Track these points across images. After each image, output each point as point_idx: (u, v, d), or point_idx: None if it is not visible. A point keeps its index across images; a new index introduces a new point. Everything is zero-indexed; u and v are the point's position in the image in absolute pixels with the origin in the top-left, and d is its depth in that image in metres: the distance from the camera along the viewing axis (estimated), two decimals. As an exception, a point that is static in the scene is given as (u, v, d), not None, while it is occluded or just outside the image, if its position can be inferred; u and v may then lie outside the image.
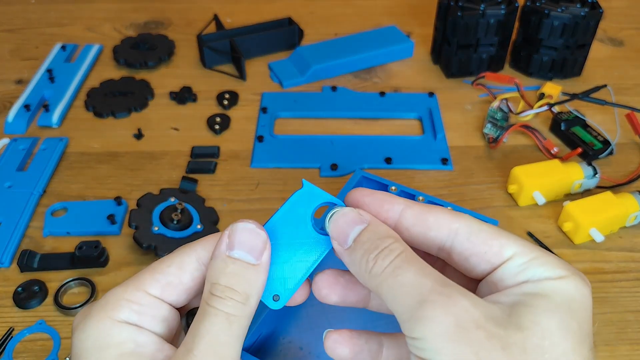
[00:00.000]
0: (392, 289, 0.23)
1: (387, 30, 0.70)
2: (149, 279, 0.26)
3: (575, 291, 0.23)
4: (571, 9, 0.59)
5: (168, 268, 0.26)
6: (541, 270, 0.23)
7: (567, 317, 0.22)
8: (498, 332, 0.21)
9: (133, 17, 0.77)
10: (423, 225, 0.26)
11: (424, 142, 0.56)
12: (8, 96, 0.63)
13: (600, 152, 0.53)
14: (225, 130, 0.58)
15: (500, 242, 0.24)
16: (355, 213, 0.26)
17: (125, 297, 0.25)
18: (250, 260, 0.25)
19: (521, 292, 0.23)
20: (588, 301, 0.24)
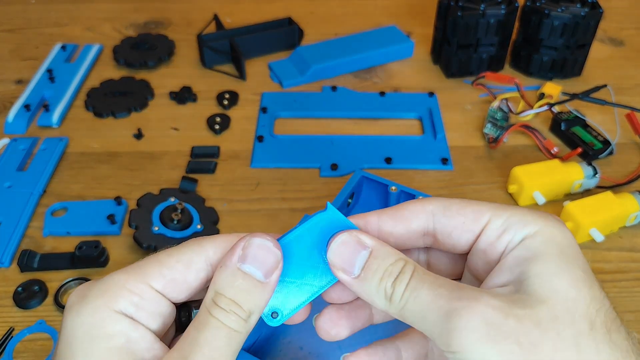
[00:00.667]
0: (415, 312, 0.23)
1: (387, 30, 0.70)
2: (155, 272, 0.25)
3: (561, 237, 0.24)
4: (571, 9, 0.59)
5: (176, 264, 0.25)
6: (521, 226, 0.24)
7: (572, 269, 0.23)
8: (527, 313, 0.22)
9: (133, 17, 0.77)
10: (402, 221, 0.26)
11: (424, 142, 0.56)
12: (8, 96, 0.63)
13: (600, 152, 0.53)
14: (225, 130, 0.58)
15: (473, 209, 0.25)
16: (355, 238, 0.25)
17: (127, 287, 0.24)
18: (260, 277, 0.24)
19: (517, 262, 0.24)
20: (573, 239, 0.25)
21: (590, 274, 0.24)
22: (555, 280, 0.23)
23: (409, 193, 0.45)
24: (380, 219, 0.26)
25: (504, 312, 0.22)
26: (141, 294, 0.24)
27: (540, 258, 0.23)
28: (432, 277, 0.24)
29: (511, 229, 0.24)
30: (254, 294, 0.24)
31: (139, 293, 0.24)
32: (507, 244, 0.24)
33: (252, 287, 0.24)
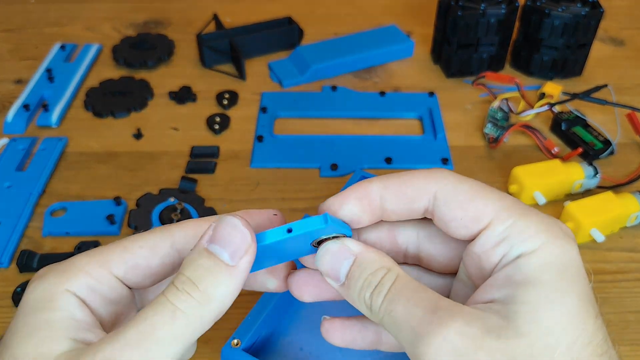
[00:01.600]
0: (391, 326, 0.23)
1: (387, 29, 0.70)
2: (117, 258, 0.24)
3: (561, 257, 0.22)
4: (572, 9, 0.59)
5: (139, 249, 0.25)
6: (521, 240, 0.22)
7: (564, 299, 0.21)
8: (500, 347, 0.20)
9: (132, 16, 0.77)
10: (404, 199, 0.25)
11: (424, 142, 0.56)
12: (7, 96, 0.63)
13: (601, 152, 0.53)
14: (225, 130, 0.58)
15: (477, 205, 0.23)
16: (340, 245, 0.24)
17: (85, 270, 0.24)
18: (226, 259, 0.23)
19: (509, 281, 0.22)
20: (575, 258, 0.23)
21: (587, 300, 0.22)
22: (541, 313, 0.21)
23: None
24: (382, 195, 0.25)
25: (475, 343, 0.21)
26: (98, 278, 0.24)
27: (532, 284, 0.22)
28: (410, 291, 0.23)
29: (509, 241, 0.23)
30: (216, 275, 0.22)
31: (97, 277, 0.24)
32: (502, 258, 0.23)
33: (215, 267, 0.22)
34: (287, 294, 0.38)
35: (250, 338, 0.35)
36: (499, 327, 0.21)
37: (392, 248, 0.28)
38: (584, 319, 0.21)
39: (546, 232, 0.23)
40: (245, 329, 0.35)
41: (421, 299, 0.22)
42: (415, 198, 0.25)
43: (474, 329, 0.21)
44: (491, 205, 0.23)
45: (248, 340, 0.35)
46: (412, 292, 0.23)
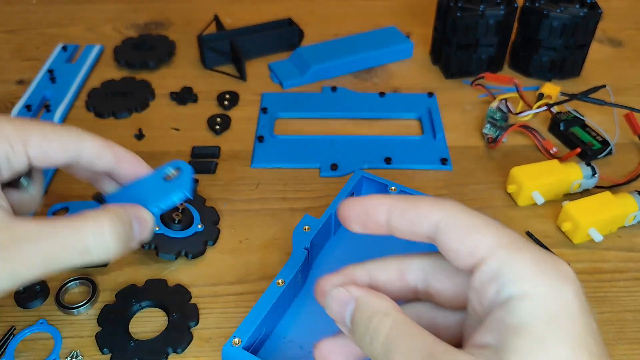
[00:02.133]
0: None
1: (386, 30, 0.70)
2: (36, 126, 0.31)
3: (554, 303, 0.22)
4: (570, 10, 0.60)
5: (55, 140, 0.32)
6: (512, 281, 0.22)
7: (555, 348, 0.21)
8: None
9: (133, 17, 0.77)
10: (408, 222, 0.26)
11: (424, 142, 0.57)
12: (9, 96, 0.63)
13: (599, 152, 0.54)
14: (226, 130, 0.58)
15: (474, 239, 0.24)
16: (344, 293, 0.26)
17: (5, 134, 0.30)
18: None
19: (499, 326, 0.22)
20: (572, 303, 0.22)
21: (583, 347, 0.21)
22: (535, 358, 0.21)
23: (409, 193, 0.45)
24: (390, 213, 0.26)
25: None
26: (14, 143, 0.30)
27: (522, 331, 0.21)
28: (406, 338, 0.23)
29: (500, 279, 0.22)
30: None
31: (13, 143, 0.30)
32: (494, 297, 0.23)
33: None
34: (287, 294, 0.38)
35: (251, 337, 0.35)
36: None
37: (402, 286, 0.28)
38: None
39: (540, 274, 0.22)
40: (246, 328, 0.35)
41: (417, 348, 0.23)
42: (417, 223, 0.25)
43: None
44: (488, 240, 0.23)
45: (248, 339, 0.35)
46: (409, 339, 0.23)
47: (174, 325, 0.40)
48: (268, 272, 0.44)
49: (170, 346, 0.38)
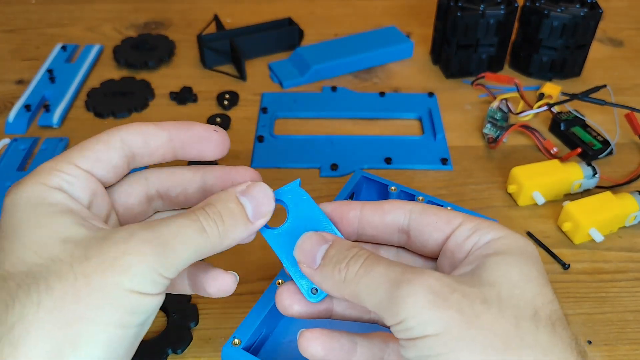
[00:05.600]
0: (368, 285, 0.25)
1: (386, 30, 0.70)
2: (78, 155, 0.27)
3: (524, 245, 0.26)
4: (571, 9, 0.60)
5: (96, 145, 0.27)
6: (487, 232, 0.26)
7: (526, 267, 0.25)
8: (473, 290, 0.23)
9: (133, 17, 0.77)
10: (380, 211, 0.29)
11: (424, 142, 0.56)
12: (8, 96, 0.63)
13: (600, 152, 0.53)
14: (226, 130, 0.58)
15: (448, 213, 0.28)
16: (318, 235, 0.27)
17: (56, 168, 0.26)
18: (250, 213, 0.27)
19: (479, 256, 0.25)
20: (537, 253, 0.26)
21: (546, 278, 0.25)
22: (507, 270, 0.24)
23: (409, 193, 0.45)
24: (362, 207, 0.29)
25: (451, 287, 0.23)
26: (71, 172, 0.26)
27: (499, 253, 0.25)
28: (388, 260, 0.25)
29: (479, 232, 0.26)
30: (237, 222, 0.27)
31: (69, 172, 0.26)
32: (474, 245, 0.26)
33: (239, 215, 0.27)
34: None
35: (251, 337, 0.35)
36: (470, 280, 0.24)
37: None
38: (543, 285, 0.25)
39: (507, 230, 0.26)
40: (246, 329, 0.35)
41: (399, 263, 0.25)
42: (390, 211, 0.28)
43: (448, 278, 0.24)
44: (459, 214, 0.28)
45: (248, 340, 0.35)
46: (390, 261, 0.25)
47: (174, 325, 0.40)
48: (268, 272, 0.44)
49: (169, 346, 0.38)
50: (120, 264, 0.23)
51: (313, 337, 0.28)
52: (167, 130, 0.29)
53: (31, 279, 0.22)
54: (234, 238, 0.27)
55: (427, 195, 0.43)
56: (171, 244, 0.24)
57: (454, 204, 0.43)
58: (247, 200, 0.27)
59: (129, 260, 0.23)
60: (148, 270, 0.24)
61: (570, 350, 0.23)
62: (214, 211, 0.26)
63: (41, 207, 0.24)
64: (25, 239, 0.23)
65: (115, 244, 0.24)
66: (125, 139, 0.28)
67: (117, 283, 0.23)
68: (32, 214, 0.24)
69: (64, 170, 0.26)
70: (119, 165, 0.28)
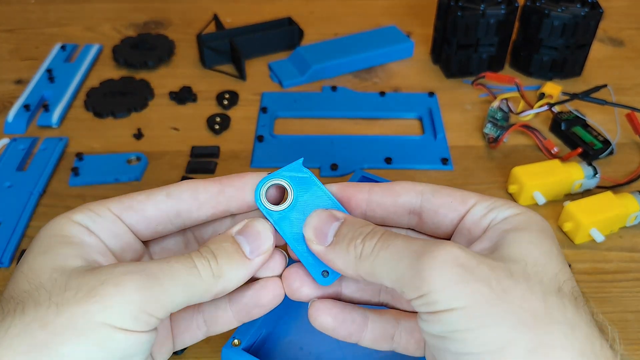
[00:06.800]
0: (387, 260, 0.24)
1: (387, 30, 0.70)
2: (115, 200, 0.27)
3: (541, 222, 0.26)
4: (571, 9, 0.59)
5: (137, 195, 0.28)
6: (504, 209, 0.26)
7: (547, 243, 0.24)
8: (499, 264, 0.23)
9: (133, 17, 0.77)
10: (392, 193, 0.28)
11: (424, 142, 0.56)
12: (8, 96, 0.63)
13: (601, 152, 0.53)
14: (225, 130, 0.58)
15: (462, 193, 0.27)
16: (328, 212, 0.27)
17: (88, 207, 0.27)
18: (246, 250, 0.26)
19: (497, 233, 0.25)
20: (552, 231, 0.26)
21: (563, 256, 0.25)
22: (529, 247, 0.24)
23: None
24: (371, 189, 0.28)
25: (477, 259, 0.22)
26: (99, 212, 0.27)
27: (519, 229, 0.25)
28: (404, 235, 0.25)
29: (496, 210, 0.26)
30: (232, 260, 0.26)
31: (98, 212, 0.27)
32: (491, 221, 0.26)
33: (235, 253, 0.26)
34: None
35: (251, 338, 0.35)
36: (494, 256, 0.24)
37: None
38: (563, 262, 0.24)
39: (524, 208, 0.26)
40: (246, 329, 0.35)
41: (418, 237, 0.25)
42: (401, 193, 0.28)
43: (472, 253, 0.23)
44: (473, 194, 0.27)
45: (248, 340, 0.35)
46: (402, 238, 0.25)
47: (173, 326, 0.39)
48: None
49: (169, 347, 0.38)
50: (95, 294, 0.22)
51: (324, 308, 0.27)
52: (218, 184, 0.28)
53: (13, 304, 0.23)
54: (231, 278, 0.25)
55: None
56: (158, 279, 0.23)
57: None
58: (244, 238, 0.26)
59: (106, 291, 0.22)
60: (128, 303, 0.22)
61: (593, 325, 0.23)
62: (207, 250, 0.26)
63: (55, 237, 0.25)
64: (25, 266, 0.24)
65: (97, 275, 0.23)
66: (172, 192, 0.27)
67: (88, 314, 0.22)
68: (44, 242, 0.25)
69: (93, 209, 0.27)
70: (155, 217, 0.27)
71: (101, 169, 0.52)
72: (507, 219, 0.25)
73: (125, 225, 0.27)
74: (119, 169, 0.52)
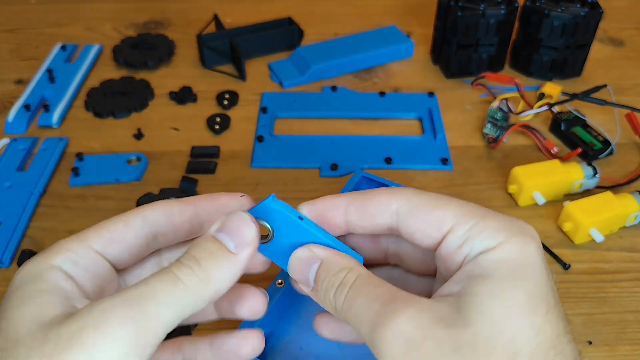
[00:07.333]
0: (353, 320, 0.24)
1: (387, 30, 0.70)
2: (94, 234, 0.26)
3: (518, 256, 0.23)
4: (571, 9, 0.59)
5: (114, 225, 0.26)
6: (480, 240, 0.24)
7: (513, 293, 0.22)
8: (447, 335, 0.21)
9: (133, 17, 0.77)
10: (367, 215, 0.26)
11: (424, 142, 0.56)
12: (8, 96, 0.63)
13: (600, 152, 0.53)
14: (225, 130, 0.58)
15: (438, 214, 0.25)
16: (308, 252, 0.26)
17: (66, 247, 0.25)
18: (231, 247, 0.24)
19: (466, 275, 0.23)
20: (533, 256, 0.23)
21: (538, 296, 0.22)
22: (489, 304, 0.22)
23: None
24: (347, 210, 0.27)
25: (424, 332, 0.22)
26: (78, 252, 0.25)
27: (485, 278, 0.23)
28: (370, 287, 0.24)
29: (469, 242, 0.24)
30: (219, 259, 0.24)
31: (77, 251, 0.25)
32: (465, 257, 0.24)
33: (219, 251, 0.24)
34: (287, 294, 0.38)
35: (251, 337, 0.35)
36: (449, 317, 0.22)
37: (375, 247, 0.29)
38: (531, 313, 0.22)
39: (504, 231, 0.24)
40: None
41: (380, 293, 0.24)
42: (376, 215, 0.26)
43: (424, 318, 0.22)
44: (451, 213, 0.25)
45: (248, 340, 0.35)
46: (372, 287, 0.24)
47: (173, 326, 0.39)
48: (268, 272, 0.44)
49: (169, 347, 0.38)
50: (76, 343, 0.21)
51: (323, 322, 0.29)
52: (193, 205, 0.27)
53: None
54: (220, 278, 0.24)
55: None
56: (141, 306, 0.22)
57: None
58: (225, 234, 0.25)
59: (87, 336, 0.21)
60: (114, 343, 0.21)
61: None
62: (188, 257, 0.24)
63: (31, 284, 0.24)
64: (3, 322, 0.23)
65: (75, 320, 0.21)
66: (148, 216, 0.27)
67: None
68: (19, 293, 0.23)
69: (73, 249, 0.25)
70: (136, 245, 0.26)
71: (101, 169, 0.52)
72: (478, 258, 0.23)
73: (107, 261, 0.26)
74: (119, 169, 0.52)
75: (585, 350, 0.39)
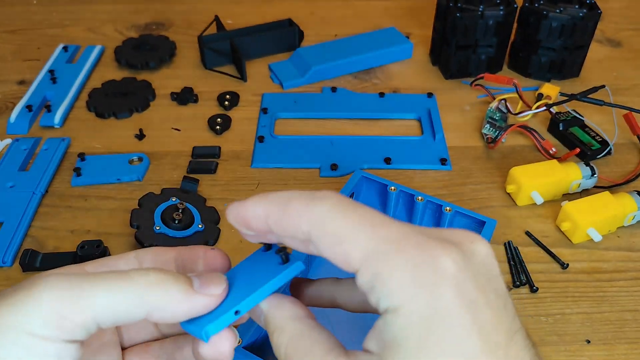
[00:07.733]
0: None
1: (386, 31, 0.70)
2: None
3: (428, 309, 0.20)
4: (569, 10, 0.60)
5: None
6: (385, 294, 0.21)
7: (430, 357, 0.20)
8: None
9: (134, 18, 0.77)
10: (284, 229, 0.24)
11: (423, 142, 0.57)
12: (10, 97, 0.63)
13: (599, 152, 0.54)
14: (226, 130, 0.58)
15: (343, 251, 0.22)
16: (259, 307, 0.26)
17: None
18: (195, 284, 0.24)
19: (380, 336, 0.22)
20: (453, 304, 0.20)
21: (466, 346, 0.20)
22: None
23: (408, 193, 0.45)
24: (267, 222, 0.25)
25: None
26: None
27: (396, 347, 0.21)
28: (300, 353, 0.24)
29: (375, 292, 0.21)
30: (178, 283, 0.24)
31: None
32: (376, 306, 0.22)
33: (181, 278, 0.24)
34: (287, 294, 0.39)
35: (251, 336, 0.35)
36: None
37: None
38: None
39: (412, 283, 0.21)
40: (246, 328, 0.35)
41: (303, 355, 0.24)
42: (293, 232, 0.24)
43: None
44: (357, 250, 0.22)
45: (249, 338, 0.35)
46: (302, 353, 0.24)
47: (175, 324, 0.40)
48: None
49: (170, 345, 0.38)
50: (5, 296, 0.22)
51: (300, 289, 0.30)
52: (175, 250, 0.28)
53: None
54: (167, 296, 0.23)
55: (427, 195, 0.44)
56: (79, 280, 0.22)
57: (453, 203, 0.44)
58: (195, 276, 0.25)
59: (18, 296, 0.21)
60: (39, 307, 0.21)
61: None
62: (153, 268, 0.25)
63: None
64: None
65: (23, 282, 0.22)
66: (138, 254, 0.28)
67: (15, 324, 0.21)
68: None
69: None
70: None
71: (103, 169, 0.53)
72: (386, 317, 0.21)
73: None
74: (120, 169, 0.53)
75: (583, 349, 0.39)
